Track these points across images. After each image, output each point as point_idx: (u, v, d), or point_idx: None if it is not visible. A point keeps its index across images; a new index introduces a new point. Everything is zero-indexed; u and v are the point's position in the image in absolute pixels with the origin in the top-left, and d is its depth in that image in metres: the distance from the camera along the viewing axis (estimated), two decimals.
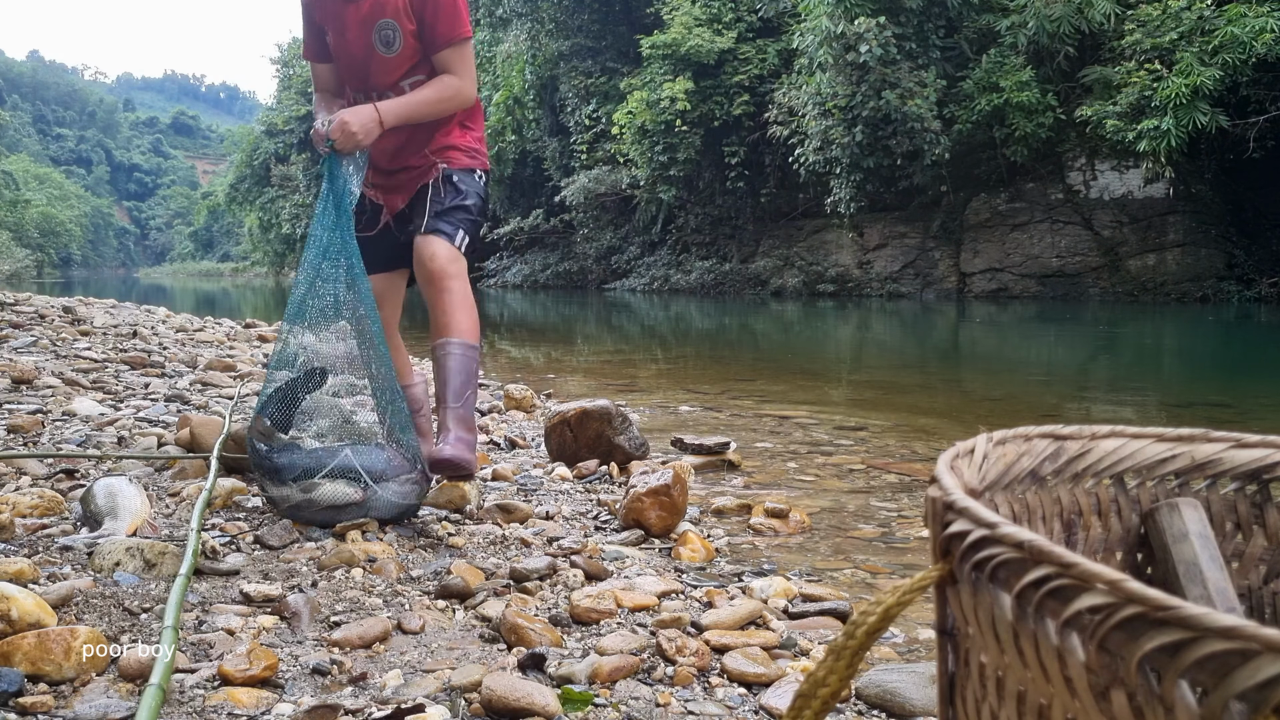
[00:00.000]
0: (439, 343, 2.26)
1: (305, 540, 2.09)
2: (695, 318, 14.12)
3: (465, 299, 2.28)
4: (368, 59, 2.37)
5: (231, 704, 1.33)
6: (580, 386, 5.84)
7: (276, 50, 41.22)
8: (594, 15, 24.26)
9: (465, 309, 2.26)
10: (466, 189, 2.39)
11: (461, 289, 2.27)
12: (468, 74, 2.35)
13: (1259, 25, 13.15)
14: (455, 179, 2.39)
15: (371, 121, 2.23)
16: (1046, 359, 8.35)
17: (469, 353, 2.24)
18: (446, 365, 2.22)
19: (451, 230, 2.32)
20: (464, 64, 2.34)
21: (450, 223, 2.33)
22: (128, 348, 5.42)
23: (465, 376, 2.22)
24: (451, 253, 2.29)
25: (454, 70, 2.34)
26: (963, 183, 17.50)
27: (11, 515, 2.04)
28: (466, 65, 2.34)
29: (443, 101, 2.33)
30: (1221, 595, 0.74)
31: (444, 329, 2.25)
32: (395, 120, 2.27)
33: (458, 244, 2.32)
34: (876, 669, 1.53)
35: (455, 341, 2.23)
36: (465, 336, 2.24)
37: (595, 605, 1.73)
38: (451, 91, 2.33)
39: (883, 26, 16.23)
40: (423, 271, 2.28)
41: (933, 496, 0.60)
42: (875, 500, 2.89)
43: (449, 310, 2.24)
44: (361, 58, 2.38)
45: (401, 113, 2.28)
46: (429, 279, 2.27)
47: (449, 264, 2.27)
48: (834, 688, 0.60)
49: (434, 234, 2.30)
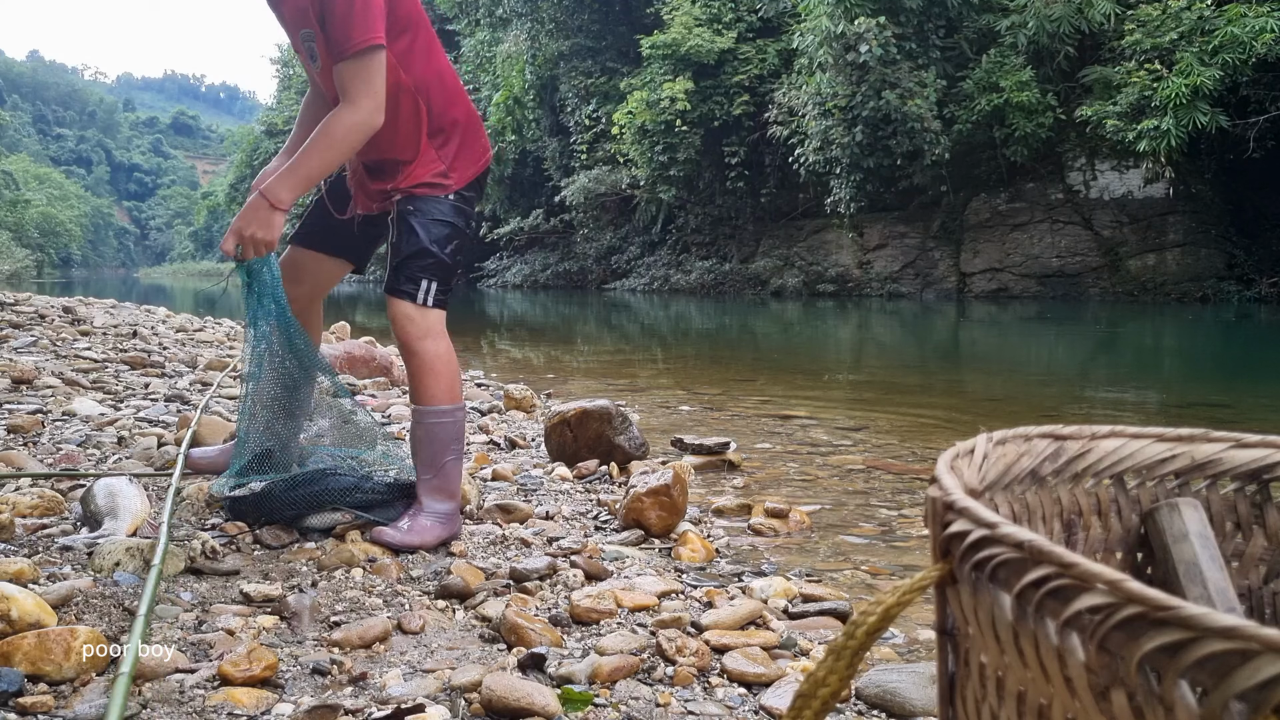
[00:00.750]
0: (412, 410, 2.19)
1: (305, 540, 2.09)
2: (695, 318, 14.12)
3: (435, 361, 2.13)
4: (312, 72, 2.17)
5: (231, 704, 1.33)
6: (580, 386, 5.84)
7: (276, 50, 41.25)
8: (594, 15, 24.26)
9: (434, 373, 2.13)
10: (423, 225, 2.13)
11: (432, 350, 2.12)
12: (359, 95, 1.94)
13: (1259, 25, 13.16)
14: (411, 215, 2.13)
15: (267, 215, 2.00)
16: (1046, 359, 8.35)
17: (441, 419, 2.14)
18: (416, 435, 2.15)
19: (412, 287, 2.12)
20: (355, 83, 1.95)
21: (409, 278, 2.12)
22: (128, 348, 5.42)
23: (438, 445, 2.13)
24: (415, 313, 2.12)
25: (344, 93, 1.97)
26: (963, 183, 17.50)
27: (11, 515, 2.04)
28: (358, 84, 1.94)
29: (333, 149, 1.97)
30: (1221, 595, 0.74)
31: (414, 396, 2.17)
32: (293, 195, 2.00)
33: (420, 299, 2.12)
34: (876, 669, 1.53)
35: (424, 410, 2.14)
36: (436, 403, 2.13)
37: (595, 605, 1.73)
38: (339, 132, 1.95)
39: (883, 26, 16.23)
40: (394, 332, 2.17)
41: (933, 496, 0.60)
42: (875, 500, 2.89)
43: (417, 376, 2.13)
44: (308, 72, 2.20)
45: (296, 183, 1.99)
46: (398, 343, 2.17)
47: (414, 326, 2.12)
48: (834, 688, 0.60)
49: (395, 295, 2.14)
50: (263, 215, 2.00)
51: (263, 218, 2.00)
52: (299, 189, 2.00)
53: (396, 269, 2.13)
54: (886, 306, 16.03)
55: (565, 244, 25.84)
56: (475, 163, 2.22)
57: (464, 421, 2.21)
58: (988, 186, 17.56)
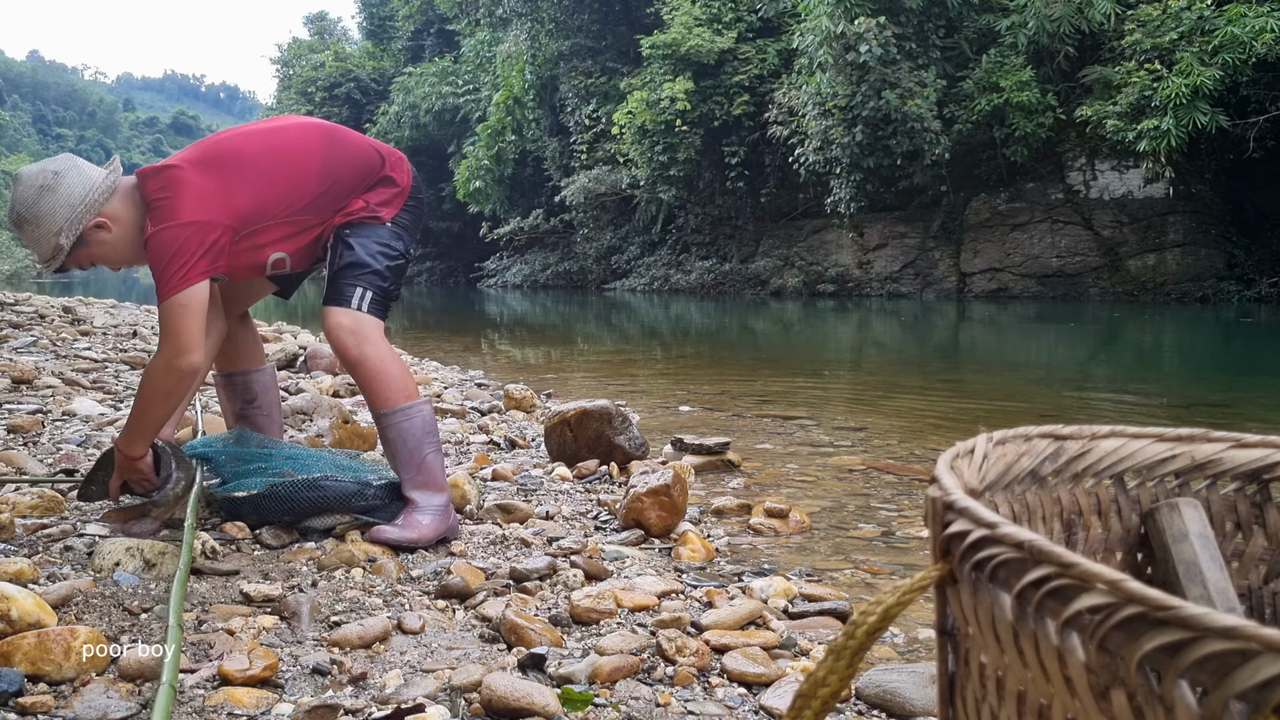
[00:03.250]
0: (374, 416, 2.20)
1: (305, 540, 2.09)
2: (695, 318, 14.12)
3: (380, 365, 2.14)
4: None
5: (231, 704, 1.33)
6: (580, 386, 5.84)
7: (276, 50, 41.24)
8: (594, 15, 24.26)
9: (381, 376, 2.13)
10: (360, 243, 2.17)
11: (374, 355, 2.13)
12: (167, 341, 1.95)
13: (1259, 25, 13.15)
14: (349, 236, 2.18)
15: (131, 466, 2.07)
16: (1046, 359, 8.35)
17: (405, 417, 2.14)
18: (388, 440, 2.16)
19: (347, 293, 2.14)
20: (164, 328, 1.95)
21: (344, 286, 2.15)
22: (128, 347, 5.42)
23: (412, 442, 2.13)
24: (350, 319, 2.14)
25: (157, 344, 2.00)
26: (963, 183, 17.50)
27: (11, 515, 2.04)
28: (166, 329, 1.95)
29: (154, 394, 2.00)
30: (1221, 595, 0.74)
31: (372, 403, 2.17)
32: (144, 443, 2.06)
33: (355, 305, 2.14)
34: (876, 669, 1.53)
35: (386, 413, 2.14)
36: (394, 404, 2.13)
37: (595, 605, 1.73)
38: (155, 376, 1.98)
39: (883, 26, 16.23)
40: (332, 348, 2.18)
41: (933, 496, 0.60)
42: (875, 500, 2.89)
43: (367, 383, 2.14)
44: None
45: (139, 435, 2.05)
46: (338, 355, 2.18)
47: (349, 334, 2.13)
48: (834, 688, 0.60)
49: (330, 304, 2.15)
50: (128, 467, 2.08)
51: (130, 468, 2.08)
52: (146, 437, 2.06)
53: (332, 281, 2.17)
54: (886, 306, 16.03)
55: (565, 244, 25.84)
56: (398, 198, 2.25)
57: (431, 415, 2.21)
58: (988, 186, 17.56)
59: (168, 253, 1.94)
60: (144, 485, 2.12)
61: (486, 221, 27.64)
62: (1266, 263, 15.04)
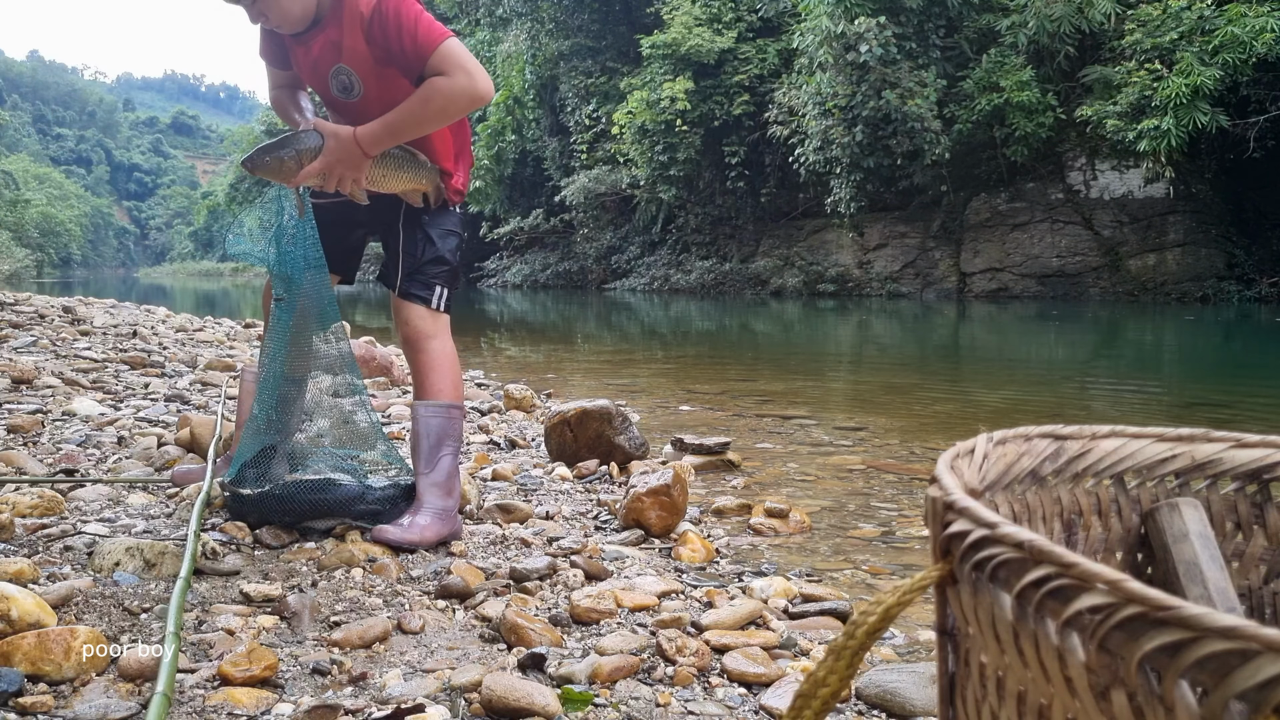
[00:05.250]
0: (414, 405, 2.22)
1: (305, 540, 2.09)
2: (695, 318, 14.12)
3: (442, 359, 2.19)
4: (333, 104, 2.18)
5: (231, 704, 1.33)
6: (580, 386, 5.84)
7: None
8: (594, 15, 24.27)
9: (440, 370, 2.18)
10: (440, 235, 2.22)
11: (439, 348, 2.19)
12: (459, 69, 1.97)
13: (1259, 25, 13.17)
14: (427, 224, 2.21)
15: (359, 157, 2.00)
16: (1046, 359, 8.35)
17: (442, 414, 2.17)
18: (417, 430, 2.18)
19: (426, 292, 2.20)
20: (451, 63, 1.97)
21: (424, 283, 2.20)
22: (128, 348, 5.42)
23: (436, 439, 2.15)
24: (431, 320, 2.20)
25: (441, 72, 1.98)
26: (963, 183, 17.51)
27: (11, 515, 2.04)
28: (455, 63, 1.97)
29: (437, 115, 1.99)
30: (1221, 595, 0.74)
31: (419, 391, 2.21)
32: (380, 148, 2.01)
33: (434, 305, 2.21)
34: (876, 669, 1.53)
35: (428, 405, 2.17)
36: (440, 398, 2.17)
37: (595, 605, 1.73)
38: (441, 97, 1.97)
39: (883, 26, 16.24)
40: (400, 334, 2.23)
41: (933, 496, 0.60)
42: (875, 500, 2.89)
43: (423, 372, 2.18)
44: (327, 101, 2.20)
45: (383, 135, 1.99)
46: (406, 342, 2.22)
47: (426, 326, 2.19)
48: (834, 688, 0.60)
49: (408, 299, 2.19)
50: (355, 156, 2.00)
51: (355, 158, 2.00)
52: (387, 143, 2.02)
53: (411, 274, 2.21)
54: (886, 306, 16.03)
55: (565, 244, 25.85)
56: (468, 178, 2.36)
57: (462, 423, 2.25)
58: (988, 186, 17.57)
59: (413, 10, 1.98)
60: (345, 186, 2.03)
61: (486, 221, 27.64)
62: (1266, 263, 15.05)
